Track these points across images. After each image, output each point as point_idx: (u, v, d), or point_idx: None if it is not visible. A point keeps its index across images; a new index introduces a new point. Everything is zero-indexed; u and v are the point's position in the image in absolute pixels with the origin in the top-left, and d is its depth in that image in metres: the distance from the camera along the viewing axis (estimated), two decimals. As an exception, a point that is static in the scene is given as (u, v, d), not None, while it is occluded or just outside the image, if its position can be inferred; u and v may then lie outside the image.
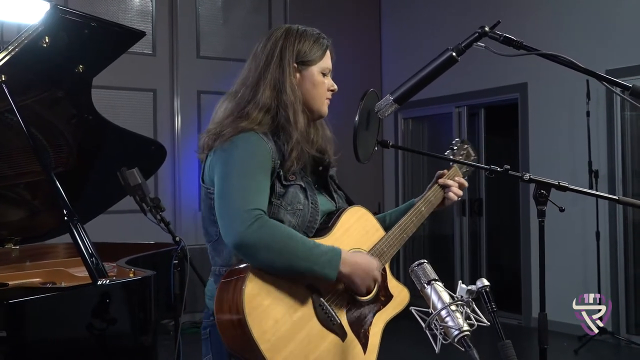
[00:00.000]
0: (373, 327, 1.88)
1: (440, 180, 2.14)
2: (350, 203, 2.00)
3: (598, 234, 5.54)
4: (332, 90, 1.93)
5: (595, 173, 5.55)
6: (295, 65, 1.86)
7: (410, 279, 1.57)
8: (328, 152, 1.95)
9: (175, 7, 6.57)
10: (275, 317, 1.66)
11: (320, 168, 1.94)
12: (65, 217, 2.66)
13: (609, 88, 1.77)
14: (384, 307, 1.92)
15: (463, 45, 1.73)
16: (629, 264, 5.66)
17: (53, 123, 3.23)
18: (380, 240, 1.95)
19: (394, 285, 1.97)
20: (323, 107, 1.91)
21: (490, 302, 1.52)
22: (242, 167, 1.74)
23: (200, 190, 1.88)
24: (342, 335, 1.78)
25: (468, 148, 2.27)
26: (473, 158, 2.27)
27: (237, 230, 1.66)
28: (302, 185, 1.84)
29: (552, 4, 6.18)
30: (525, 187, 5.88)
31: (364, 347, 1.83)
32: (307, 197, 1.83)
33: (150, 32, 6.36)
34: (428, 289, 1.50)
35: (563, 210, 1.87)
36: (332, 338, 1.76)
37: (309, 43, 1.87)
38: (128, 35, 3.17)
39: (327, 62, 1.91)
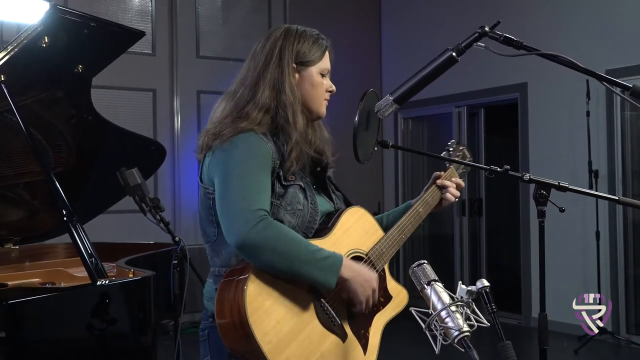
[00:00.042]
0: (373, 327, 1.88)
1: (439, 181, 2.13)
2: (348, 204, 1.99)
3: (598, 234, 5.54)
4: (330, 91, 1.92)
5: (595, 173, 5.55)
6: (295, 66, 1.85)
7: (410, 280, 1.56)
8: (326, 153, 1.94)
9: (175, 7, 6.57)
10: (277, 317, 1.66)
11: (318, 169, 1.94)
12: (65, 217, 2.66)
13: (609, 88, 1.77)
14: (383, 308, 1.92)
15: (463, 45, 1.73)
16: (629, 264, 5.65)
17: (52, 123, 3.22)
18: (380, 241, 1.95)
19: (393, 287, 1.97)
20: (321, 108, 1.91)
21: (490, 302, 1.52)
22: (242, 167, 1.73)
23: (199, 190, 1.87)
24: (342, 336, 1.78)
25: (464, 150, 2.28)
26: (469, 159, 2.28)
27: (240, 230, 1.64)
28: (301, 186, 1.83)
29: (552, 4, 6.18)
30: (525, 187, 5.88)
31: (364, 348, 1.83)
32: (306, 197, 1.83)
33: (150, 32, 6.35)
34: (428, 290, 1.50)
35: (563, 211, 1.86)
36: (332, 339, 1.76)
37: (309, 43, 1.87)
38: (127, 35, 3.17)
39: (326, 62, 1.90)
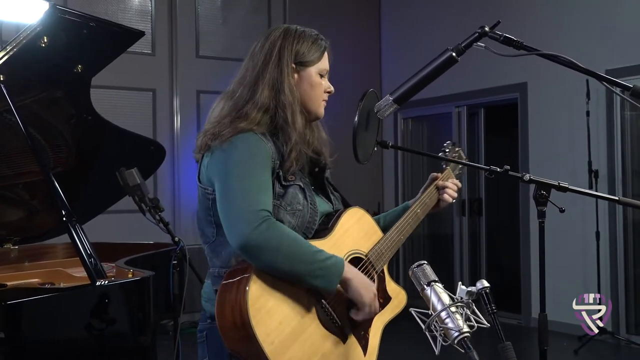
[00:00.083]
0: (372, 328, 1.87)
1: (440, 182, 2.14)
2: (347, 205, 1.98)
3: (598, 234, 5.54)
4: (328, 92, 1.92)
5: (595, 173, 5.55)
6: (294, 66, 1.84)
7: (410, 280, 1.56)
8: (324, 153, 1.94)
9: (175, 6, 6.56)
10: (279, 319, 1.65)
11: (317, 169, 1.94)
12: (64, 217, 2.66)
13: (609, 88, 1.76)
14: (383, 309, 1.91)
15: (463, 46, 1.72)
16: (629, 264, 5.65)
17: (52, 123, 3.22)
18: (379, 242, 1.94)
19: (392, 288, 1.97)
20: (320, 108, 1.90)
21: (490, 303, 1.52)
22: (242, 167, 1.72)
23: (198, 191, 1.85)
24: (343, 337, 1.77)
25: (459, 151, 2.30)
26: (464, 160, 2.29)
27: (242, 231, 1.63)
28: (301, 186, 1.83)
29: (552, 4, 6.18)
30: (525, 186, 5.87)
31: (364, 349, 1.83)
32: (306, 197, 1.82)
33: (150, 31, 6.35)
34: (428, 291, 1.49)
35: (563, 211, 1.86)
36: (333, 340, 1.75)
37: (308, 44, 1.86)
38: (127, 35, 3.17)
39: (324, 63, 1.90)
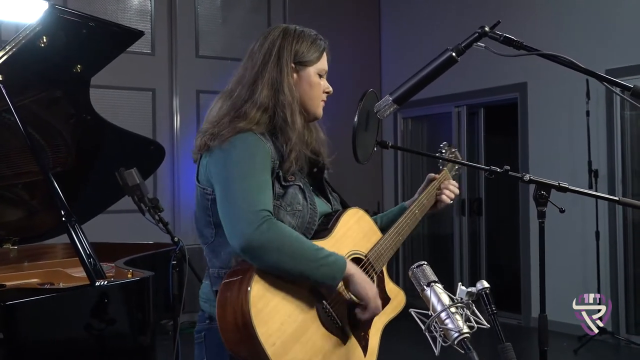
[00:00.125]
0: (372, 329, 1.87)
1: (442, 183, 2.16)
2: (345, 205, 1.98)
3: (598, 234, 5.53)
4: (327, 92, 1.91)
5: (595, 173, 5.55)
6: (293, 66, 1.84)
7: (410, 281, 1.56)
8: (322, 154, 1.94)
9: (174, 6, 6.56)
10: (281, 319, 1.64)
11: (315, 170, 1.93)
12: (63, 217, 2.65)
13: (609, 88, 1.76)
14: (382, 309, 1.90)
15: (463, 46, 1.71)
16: (629, 264, 5.65)
17: (51, 123, 3.22)
18: (379, 242, 1.94)
19: (391, 288, 1.97)
20: (318, 108, 1.90)
21: (490, 304, 1.51)
22: (242, 167, 1.71)
23: (196, 191, 1.85)
24: (343, 338, 1.77)
25: (456, 152, 2.31)
26: (461, 161, 2.30)
27: (244, 232, 1.62)
28: (300, 186, 1.82)
29: (552, 4, 6.17)
30: (525, 186, 5.87)
31: (364, 349, 1.83)
32: (305, 198, 1.82)
33: (149, 31, 6.34)
34: (428, 291, 1.49)
35: (563, 212, 1.85)
36: (334, 341, 1.75)
37: (307, 44, 1.85)
38: (127, 35, 3.16)
39: (323, 63, 1.89)
